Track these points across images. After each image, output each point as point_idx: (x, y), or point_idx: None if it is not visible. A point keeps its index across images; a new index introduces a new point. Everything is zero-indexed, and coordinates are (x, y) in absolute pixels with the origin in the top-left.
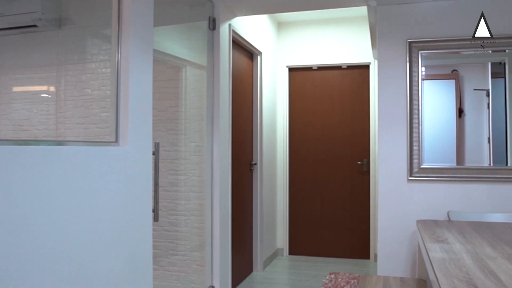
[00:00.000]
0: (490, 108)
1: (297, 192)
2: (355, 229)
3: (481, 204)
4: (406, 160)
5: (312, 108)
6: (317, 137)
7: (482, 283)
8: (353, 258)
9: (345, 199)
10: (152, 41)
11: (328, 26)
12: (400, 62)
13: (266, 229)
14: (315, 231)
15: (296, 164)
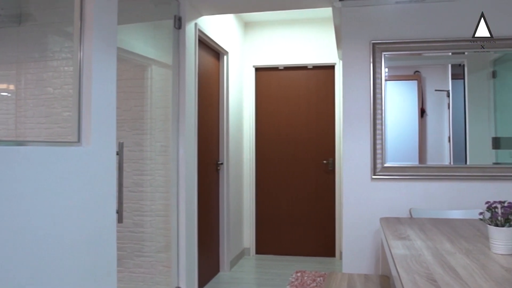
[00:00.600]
0: (451, 108)
1: (263, 192)
2: (321, 227)
3: (442, 201)
4: (369, 159)
5: (279, 108)
6: (283, 137)
7: (441, 278)
8: (320, 256)
9: (311, 198)
10: (116, 39)
11: (294, 26)
12: (364, 63)
13: (232, 229)
14: (282, 230)
15: (263, 164)
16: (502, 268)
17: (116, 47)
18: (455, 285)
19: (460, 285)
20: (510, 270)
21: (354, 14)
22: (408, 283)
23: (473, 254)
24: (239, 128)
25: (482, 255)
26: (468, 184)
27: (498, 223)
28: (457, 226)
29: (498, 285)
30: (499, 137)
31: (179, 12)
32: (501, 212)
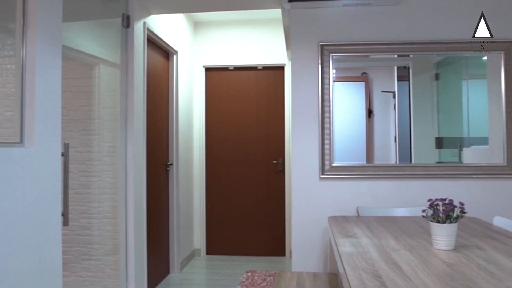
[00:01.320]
0: (396, 109)
1: (214, 192)
2: (271, 227)
3: (388, 199)
4: (318, 159)
5: (229, 108)
6: (233, 137)
7: (386, 274)
8: (270, 255)
9: (261, 198)
10: (60, 36)
11: (244, 27)
12: (312, 64)
13: (183, 230)
14: (233, 230)
15: (213, 164)
16: (443, 263)
17: (61, 45)
18: (398, 280)
19: (403, 280)
20: (451, 265)
21: (303, 15)
22: (354, 280)
23: (416, 250)
24: (189, 128)
25: (425, 251)
26: (413, 182)
27: (439, 219)
28: (402, 224)
29: (439, 279)
30: (442, 137)
31: (127, 10)
32: (442, 209)
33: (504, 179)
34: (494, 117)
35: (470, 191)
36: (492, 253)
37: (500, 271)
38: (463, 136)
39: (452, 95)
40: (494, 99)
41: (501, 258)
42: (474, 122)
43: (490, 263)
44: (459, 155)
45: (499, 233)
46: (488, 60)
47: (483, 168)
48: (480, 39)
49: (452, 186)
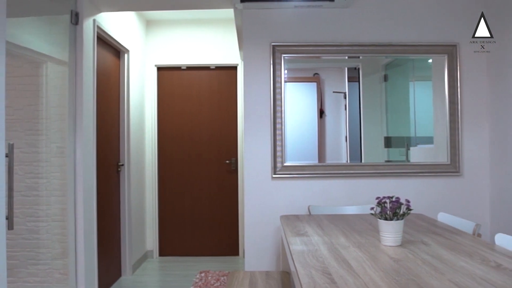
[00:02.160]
0: (347, 110)
1: (166, 193)
2: (225, 227)
3: (338, 198)
4: (270, 158)
5: (181, 108)
6: (186, 137)
7: (336, 271)
8: (224, 255)
9: (214, 198)
10: (4, 32)
11: (197, 26)
12: (264, 64)
13: (135, 231)
14: (186, 231)
15: (166, 164)
16: (390, 259)
17: (4, 41)
18: (347, 277)
19: (352, 276)
20: (397, 260)
21: (255, 16)
22: (305, 277)
23: (365, 247)
24: (141, 129)
25: (373, 247)
26: (363, 181)
27: (387, 217)
28: (352, 221)
29: (386, 274)
30: (390, 136)
31: (76, 7)
32: (389, 207)
33: (447, 177)
34: (439, 117)
35: (417, 188)
36: (436, 248)
37: (443, 265)
38: (410, 136)
39: (400, 96)
40: (439, 100)
41: (444, 252)
42: (420, 122)
43: (434, 258)
44: (407, 154)
45: (443, 229)
46: (433, 63)
47: (429, 166)
48: (425, 42)
49: (400, 184)
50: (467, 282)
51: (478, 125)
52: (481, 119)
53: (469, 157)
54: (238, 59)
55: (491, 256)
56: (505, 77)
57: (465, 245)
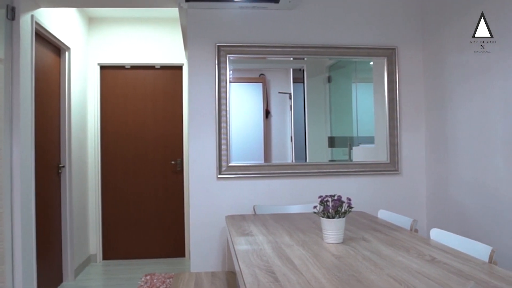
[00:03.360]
0: (292, 110)
1: (110, 194)
2: (171, 228)
3: (284, 197)
4: (215, 158)
5: (125, 107)
6: (131, 138)
7: (279, 270)
8: (170, 257)
9: (160, 199)
10: None
11: (142, 25)
12: (209, 64)
13: (77, 235)
14: (131, 233)
15: (109, 165)
16: (333, 256)
17: None
18: (291, 275)
19: (295, 274)
20: (339, 257)
21: (200, 16)
22: (249, 276)
23: (308, 245)
24: (83, 129)
25: (316, 245)
26: (308, 180)
27: (329, 215)
28: (296, 220)
29: (328, 271)
30: (334, 136)
31: (12, 1)
32: (331, 205)
33: (387, 175)
34: (379, 118)
35: (359, 187)
36: (376, 244)
37: (382, 260)
38: (353, 136)
39: (343, 97)
40: (379, 101)
41: (384, 248)
42: (362, 123)
43: (374, 254)
44: (349, 154)
45: (383, 225)
46: (374, 65)
47: (370, 165)
48: (366, 45)
49: (343, 183)
50: (403, 276)
51: (415, 126)
52: (418, 120)
53: (407, 156)
54: (183, 59)
55: (426, 250)
56: (439, 79)
57: (403, 240)
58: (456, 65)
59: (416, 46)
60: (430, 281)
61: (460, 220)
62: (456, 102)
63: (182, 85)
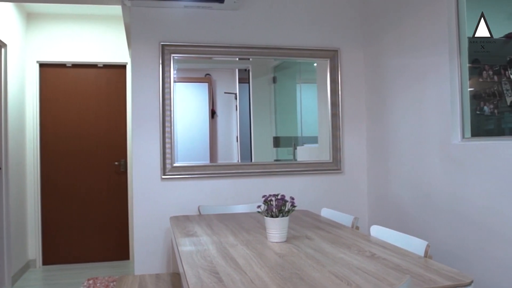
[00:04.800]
0: (238, 110)
1: (51, 197)
2: (114, 230)
3: (229, 197)
4: (159, 159)
5: (67, 107)
6: (72, 138)
7: (223, 270)
8: (114, 260)
9: (103, 201)
10: None
11: (84, 22)
12: (153, 63)
13: (14, 240)
14: (72, 237)
15: (50, 167)
16: (276, 255)
17: None
18: (234, 274)
19: (239, 274)
20: (283, 256)
21: (144, 14)
22: (192, 277)
23: (252, 244)
24: (21, 129)
25: (260, 244)
26: (253, 180)
27: (273, 214)
28: (241, 220)
29: (271, 270)
30: (279, 136)
31: None
32: (275, 204)
33: (330, 174)
34: (322, 118)
35: (303, 186)
36: (319, 242)
37: (325, 257)
38: (298, 136)
39: (288, 98)
40: (322, 102)
41: (326, 246)
42: (306, 123)
43: (317, 251)
44: (294, 153)
45: (326, 223)
46: (317, 66)
47: (313, 164)
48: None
49: (287, 182)
50: (344, 272)
51: (357, 126)
52: (360, 120)
53: (349, 156)
54: (127, 57)
55: (366, 247)
56: (380, 82)
57: (344, 237)
58: (395, 69)
59: (358, 48)
60: (370, 276)
61: (399, 217)
62: (395, 103)
63: (126, 85)
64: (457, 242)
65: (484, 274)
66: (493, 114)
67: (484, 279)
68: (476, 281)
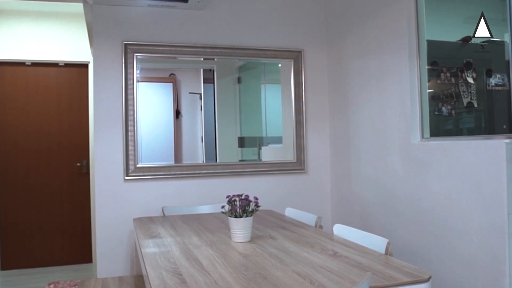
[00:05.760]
0: (203, 110)
1: (9, 200)
2: (76, 233)
3: (194, 198)
4: (122, 160)
5: (26, 107)
6: (32, 139)
7: (187, 271)
8: (76, 263)
9: (65, 203)
10: None
11: (44, 20)
12: (116, 63)
13: None
14: (33, 240)
15: (8, 169)
16: (240, 255)
17: None
18: (198, 275)
19: (202, 275)
20: (246, 256)
21: (107, 12)
22: (155, 279)
23: (216, 245)
24: None
25: (224, 245)
26: (218, 180)
27: (236, 214)
28: (205, 220)
29: (235, 270)
30: (243, 136)
31: None
32: (239, 205)
33: (294, 174)
34: (286, 118)
35: (267, 186)
36: (283, 241)
37: (288, 257)
38: (262, 136)
39: (253, 98)
40: (286, 102)
41: (290, 245)
42: (271, 123)
43: (280, 251)
44: (259, 153)
45: (289, 223)
46: (281, 67)
47: (278, 164)
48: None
49: (252, 182)
50: (307, 271)
51: (321, 126)
52: (323, 121)
53: (313, 156)
54: (89, 56)
55: (329, 245)
56: (342, 83)
57: (308, 236)
58: (358, 70)
59: (321, 50)
60: (332, 274)
61: (362, 215)
62: (357, 104)
63: (89, 84)
64: (417, 239)
65: (442, 270)
66: (451, 114)
67: (442, 275)
68: (434, 277)
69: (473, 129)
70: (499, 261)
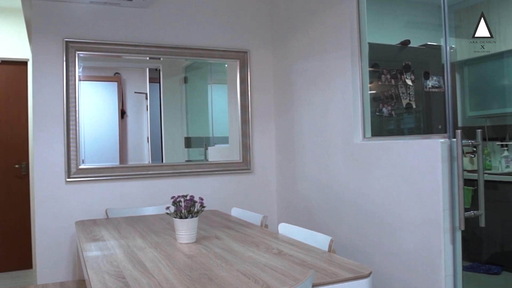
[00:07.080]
0: (149, 110)
1: None
2: (15, 238)
3: (139, 199)
4: (63, 161)
5: None
6: None
7: (130, 274)
8: (15, 270)
9: (2, 207)
10: None
11: None
12: (56, 61)
13: None
14: None
15: None
16: (185, 256)
17: None
18: (142, 278)
19: (146, 277)
20: (192, 257)
21: (46, 8)
22: (97, 284)
23: (161, 246)
24: None
25: (169, 246)
26: (164, 181)
27: (181, 215)
28: (150, 222)
29: (180, 271)
30: (190, 137)
31: None
32: (184, 205)
33: (240, 174)
34: (233, 119)
35: (214, 186)
36: (228, 241)
37: (233, 256)
38: (209, 136)
39: (199, 98)
40: (232, 102)
41: (235, 245)
42: (217, 123)
43: (226, 251)
44: (205, 154)
45: (235, 223)
46: (228, 67)
47: (224, 164)
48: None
49: (198, 182)
50: (252, 270)
51: (266, 127)
52: (269, 121)
53: (259, 156)
54: (29, 53)
55: (274, 244)
56: (287, 84)
57: (253, 236)
58: (302, 71)
59: (267, 50)
60: (276, 273)
61: (306, 214)
62: (302, 104)
63: (28, 82)
64: (359, 236)
65: (383, 264)
66: (391, 115)
67: (383, 270)
68: (375, 272)
69: (413, 129)
70: (436, 254)
